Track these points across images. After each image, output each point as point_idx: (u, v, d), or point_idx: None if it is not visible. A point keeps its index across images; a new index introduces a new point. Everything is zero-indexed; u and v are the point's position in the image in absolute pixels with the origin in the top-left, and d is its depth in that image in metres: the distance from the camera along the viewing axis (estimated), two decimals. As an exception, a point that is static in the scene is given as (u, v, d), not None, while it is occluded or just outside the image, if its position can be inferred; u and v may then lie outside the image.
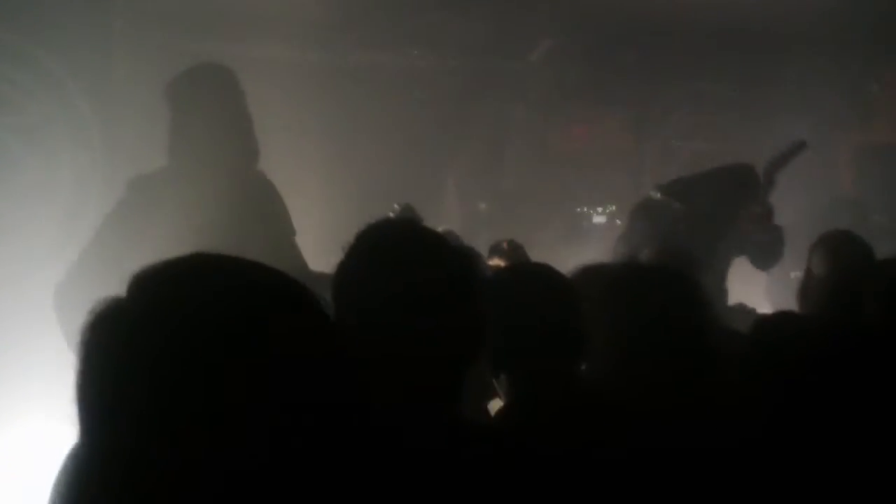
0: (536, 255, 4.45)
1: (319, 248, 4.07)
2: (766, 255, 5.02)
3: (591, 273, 3.11)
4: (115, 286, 1.35)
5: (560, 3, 6.31)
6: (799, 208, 5.54)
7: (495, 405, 2.86)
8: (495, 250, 4.40)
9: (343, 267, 2.11)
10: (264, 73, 5.24)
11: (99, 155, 4.77)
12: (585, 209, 6.69)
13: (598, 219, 6.56)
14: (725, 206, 5.14)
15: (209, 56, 4.57)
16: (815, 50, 6.45)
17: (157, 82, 4.42)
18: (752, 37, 6.54)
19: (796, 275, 5.02)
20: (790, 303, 4.16)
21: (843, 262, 4.02)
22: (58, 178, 4.82)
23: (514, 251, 4.38)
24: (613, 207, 5.96)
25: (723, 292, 4.76)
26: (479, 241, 4.28)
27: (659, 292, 2.76)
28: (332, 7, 5.99)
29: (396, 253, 2.10)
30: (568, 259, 3.07)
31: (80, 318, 1.34)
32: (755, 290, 5.15)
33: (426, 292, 2.04)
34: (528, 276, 2.77)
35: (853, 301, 3.31)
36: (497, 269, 4.06)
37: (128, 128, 4.85)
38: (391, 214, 4.03)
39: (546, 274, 2.74)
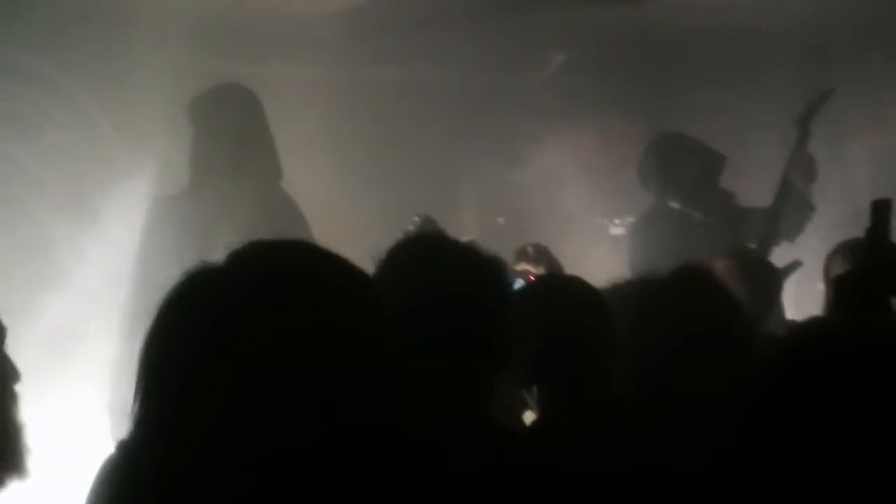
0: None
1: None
2: (795, 221, 5.12)
3: (620, 288, 3.12)
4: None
5: (571, 17, 6.33)
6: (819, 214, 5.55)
7: (527, 418, 2.89)
8: (522, 255, 4.40)
9: (376, 280, 2.16)
10: (282, 92, 5.27)
11: (122, 176, 4.81)
12: (603, 221, 6.70)
13: (616, 230, 6.57)
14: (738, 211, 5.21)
15: (227, 75, 4.62)
16: (828, 56, 6.47)
17: (177, 102, 4.47)
18: (765, 45, 6.55)
19: (813, 286, 5.04)
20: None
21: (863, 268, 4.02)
22: (82, 200, 4.87)
23: (539, 254, 4.38)
24: (631, 219, 5.97)
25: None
26: (499, 256, 4.30)
27: (687, 301, 2.78)
28: (347, 25, 6.03)
29: (428, 265, 2.16)
30: (587, 271, 3.09)
31: None
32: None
33: (458, 301, 2.10)
34: (561, 288, 2.80)
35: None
36: (524, 273, 4.08)
37: (150, 148, 4.90)
38: (411, 227, 4.06)
39: (578, 286, 2.77)
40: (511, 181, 6.71)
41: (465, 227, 5.85)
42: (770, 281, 4.06)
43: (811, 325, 3.40)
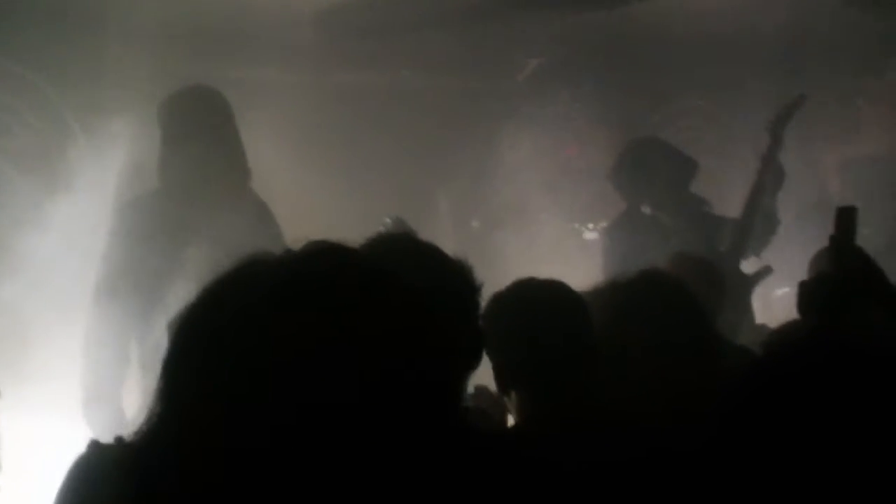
0: (529, 271, 4.45)
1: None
2: (762, 235, 5.13)
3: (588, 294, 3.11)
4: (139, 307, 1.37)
5: (547, 23, 6.34)
6: (787, 222, 5.57)
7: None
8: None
9: None
10: (258, 96, 5.26)
11: (93, 178, 4.79)
12: (577, 225, 6.71)
13: (590, 235, 6.58)
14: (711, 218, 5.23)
15: (199, 79, 4.60)
16: (802, 65, 6.50)
17: (148, 105, 4.44)
18: (740, 53, 6.59)
19: (783, 291, 5.06)
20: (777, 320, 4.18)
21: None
22: (53, 201, 4.84)
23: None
24: (605, 223, 5.99)
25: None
26: (473, 261, 4.28)
27: (658, 305, 2.78)
28: (321, 28, 6.01)
29: (397, 266, 2.13)
30: (560, 276, 3.08)
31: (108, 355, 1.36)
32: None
33: (427, 303, 2.08)
34: (539, 292, 2.78)
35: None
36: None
37: (121, 151, 4.88)
38: (382, 228, 4.03)
39: (557, 289, 2.75)
40: (485, 185, 6.72)
41: (439, 231, 5.85)
42: (717, 284, 4.06)
43: (786, 331, 3.41)
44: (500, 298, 2.71)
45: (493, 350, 2.63)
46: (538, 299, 2.71)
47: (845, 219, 2.92)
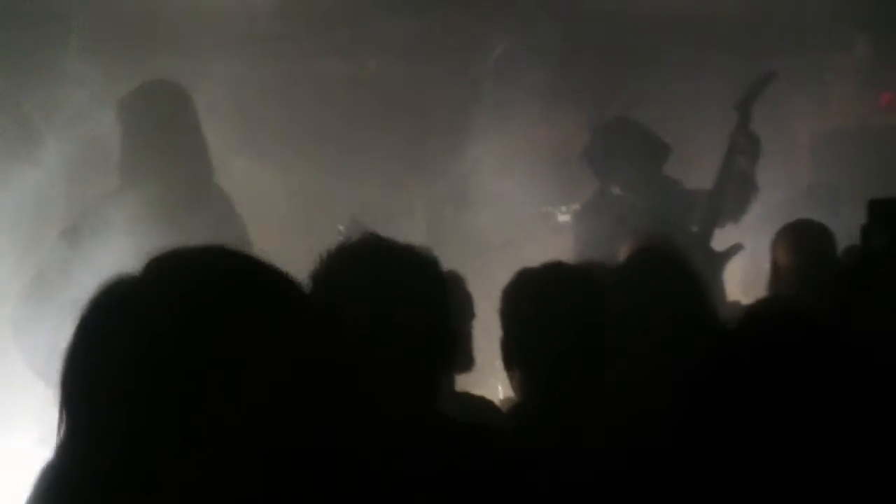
0: (503, 256, 4.45)
1: (278, 260, 4.05)
2: (739, 200, 5.12)
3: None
4: (71, 309, 1.36)
5: (513, 5, 6.32)
6: (763, 199, 5.57)
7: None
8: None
9: (315, 285, 2.12)
10: (220, 88, 5.21)
11: (56, 174, 4.74)
12: (549, 208, 6.70)
13: (563, 218, 6.58)
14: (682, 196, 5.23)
15: (161, 73, 4.56)
16: (769, 41, 6.51)
17: (112, 99, 4.40)
18: (706, 31, 6.59)
19: (752, 268, 5.07)
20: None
21: (807, 253, 4.05)
22: (16, 199, 4.79)
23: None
24: (577, 206, 5.98)
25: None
26: (447, 247, 4.26)
27: (655, 283, 2.77)
28: (284, 18, 5.97)
29: (366, 269, 2.14)
30: (534, 260, 3.07)
31: (38, 342, 1.39)
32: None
33: (393, 301, 2.07)
34: (563, 277, 2.75)
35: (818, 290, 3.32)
36: None
37: (84, 146, 4.83)
38: (339, 237, 3.99)
39: (582, 278, 2.73)
40: (457, 170, 6.69)
41: (411, 218, 5.83)
42: None
43: (757, 308, 3.42)
44: (525, 275, 2.70)
45: (507, 325, 2.63)
46: (560, 284, 2.69)
47: (878, 210, 2.94)
